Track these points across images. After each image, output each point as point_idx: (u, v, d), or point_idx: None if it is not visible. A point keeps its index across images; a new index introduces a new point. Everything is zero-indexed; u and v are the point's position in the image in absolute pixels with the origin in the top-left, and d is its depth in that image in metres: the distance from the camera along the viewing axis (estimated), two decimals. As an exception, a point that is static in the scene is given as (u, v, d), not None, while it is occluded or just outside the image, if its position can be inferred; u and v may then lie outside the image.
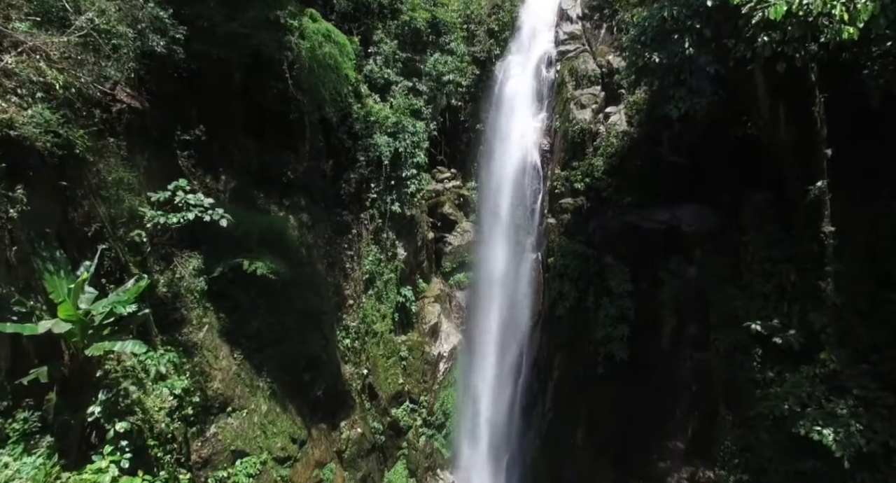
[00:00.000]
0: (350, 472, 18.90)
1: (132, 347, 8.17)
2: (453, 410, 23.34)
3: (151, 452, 9.36)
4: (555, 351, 19.54)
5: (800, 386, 10.37)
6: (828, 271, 10.05)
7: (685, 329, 14.67)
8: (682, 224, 15.44)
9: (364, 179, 20.41)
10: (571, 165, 20.23)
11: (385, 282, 21.05)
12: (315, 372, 18.05)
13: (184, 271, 12.75)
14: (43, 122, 7.86)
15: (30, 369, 8.45)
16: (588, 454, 17.48)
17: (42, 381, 7.74)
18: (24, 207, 7.86)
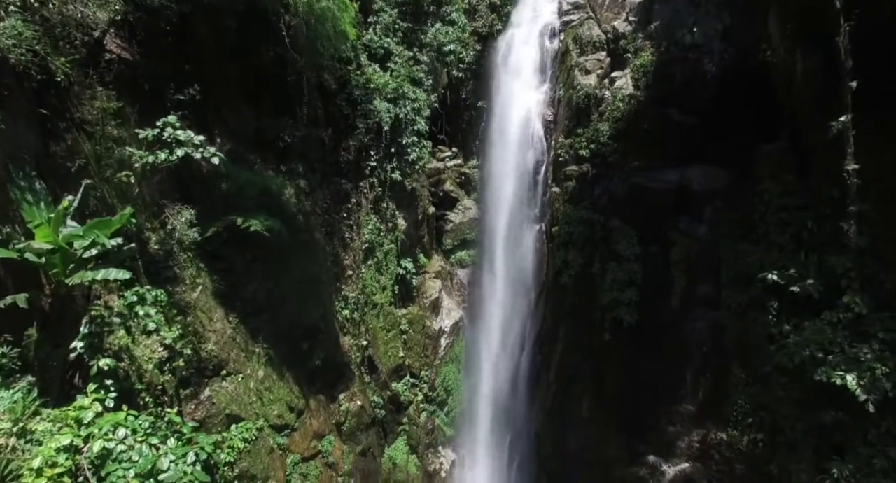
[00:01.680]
0: (349, 445, 18.44)
1: (116, 274, 7.67)
2: (455, 387, 22.87)
3: (139, 397, 8.87)
4: (559, 322, 19.03)
5: (821, 332, 9.85)
6: (851, 212, 9.52)
7: (696, 289, 14.16)
8: (693, 183, 14.94)
9: (363, 147, 19.89)
10: (576, 132, 19.68)
11: (385, 253, 20.54)
12: (313, 341, 17.57)
13: (175, 222, 12.23)
14: (16, 34, 7.34)
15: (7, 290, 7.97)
16: (594, 425, 17.00)
17: (20, 305, 7.25)
18: (-3, 123, 7.37)
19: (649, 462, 13.99)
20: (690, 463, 13.06)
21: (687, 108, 16.18)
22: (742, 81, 14.46)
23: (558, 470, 19.03)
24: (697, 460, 12.97)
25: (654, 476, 13.73)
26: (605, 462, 15.96)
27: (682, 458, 13.38)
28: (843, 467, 9.31)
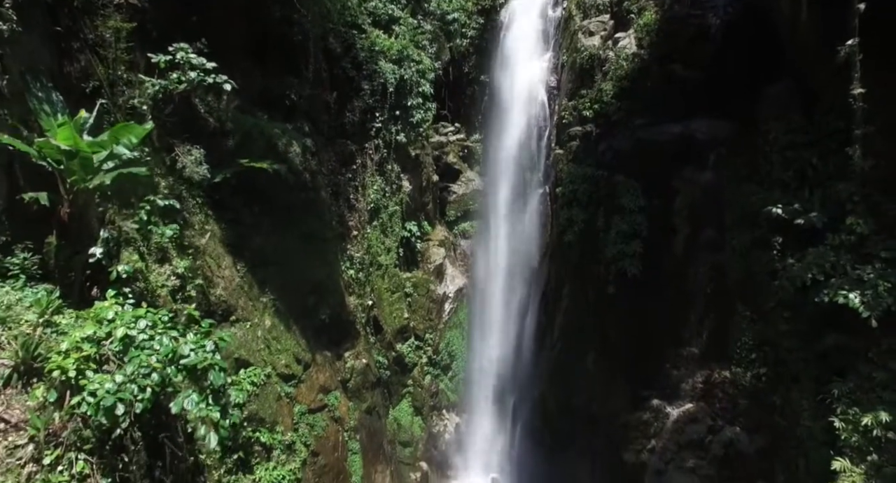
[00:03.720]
0: (355, 402, 18.61)
1: (136, 171, 7.83)
2: (459, 353, 23.04)
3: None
4: (563, 280, 19.19)
5: (824, 257, 9.99)
6: (856, 135, 9.64)
7: (700, 235, 14.30)
8: (696, 133, 15.06)
9: (368, 108, 20.02)
10: (580, 94, 19.77)
11: (390, 215, 20.69)
12: (319, 297, 17.73)
13: (185, 160, 12.35)
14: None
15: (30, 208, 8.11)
16: (599, 379, 17.15)
17: (42, 202, 7.38)
18: (14, 27, 7.47)
19: (653, 405, 14.16)
20: (694, 403, 13.23)
21: (690, 63, 16.28)
22: (746, 31, 14.58)
23: (563, 429, 19.19)
24: (701, 400, 13.15)
25: (659, 418, 13.91)
26: (610, 413, 16.14)
27: (686, 399, 13.56)
28: (843, 386, 9.48)
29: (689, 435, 12.99)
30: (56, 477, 5.89)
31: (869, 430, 8.65)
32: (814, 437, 10.23)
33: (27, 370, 6.51)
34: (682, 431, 12.95)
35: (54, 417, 6.20)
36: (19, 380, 6.47)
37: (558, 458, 19.22)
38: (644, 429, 14.25)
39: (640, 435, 14.33)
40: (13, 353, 6.52)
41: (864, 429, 8.74)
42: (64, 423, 6.25)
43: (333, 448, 16.54)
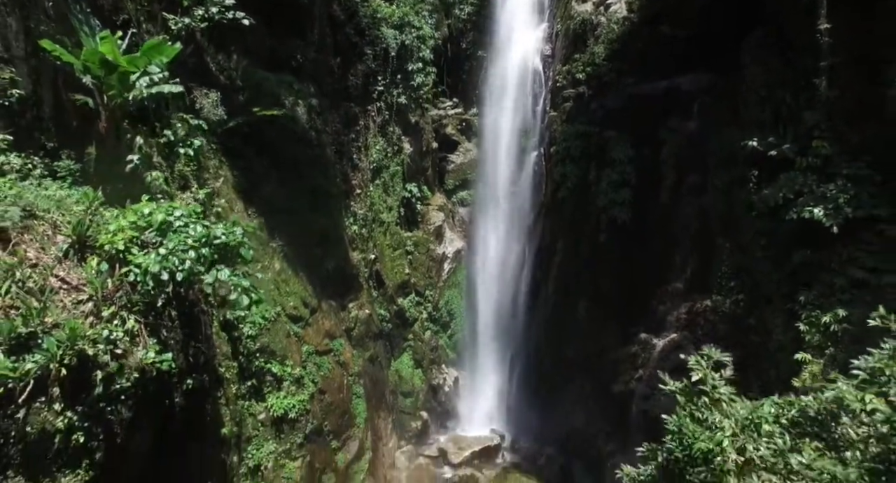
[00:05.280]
0: (358, 350, 19.51)
1: (170, 88, 8.68)
2: (457, 312, 23.95)
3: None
4: (557, 236, 20.12)
5: (793, 179, 10.96)
6: (823, 67, 10.58)
7: (685, 180, 15.24)
8: (682, 85, 15.96)
9: (371, 72, 20.83)
10: (573, 58, 20.67)
11: (392, 174, 21.55)
12: (325, 248, 18.61)
13: (204, 102, 13.18)
14: None
15: (71, 121, 8.95)
16: (591, 325, 18.12)
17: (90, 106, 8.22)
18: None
19: (641, 339, 15.13)
20: (678, 332, 14.19)
21: (678, 22, 17.18)
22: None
23: (557, 377, 20.19)
24: (685, 329, 14.11)
25: (646, 350, 14.87)
26: (601, 352, 17.12)
27: (671, 330, 14.52)
28: (808, 294, 10.44)
29: (673, 361, 13.93)
30: (112, 328, 6.77)
31: (828, 327, 9.61)
32: (784, 348, 11.19)
33: (81, 247, 7.37)
34: (668, 359, 13.91)
35: (107, 283, 7.07)
36: (75, 255, 7.32)
37: (554, 406, 20.22)
38: (633, 361, 15.23)
39: (629, 367, 15.31)
40: (68, 233, 7.38)
41: (823, 327, 9.70)
42: (116, 287, 7.13)
43: (339, 389, 17.44)
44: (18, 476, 5.92)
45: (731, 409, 5.59)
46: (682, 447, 5.53)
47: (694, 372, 5.89)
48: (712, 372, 5.88)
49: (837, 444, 5.01)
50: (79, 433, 6.33)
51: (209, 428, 9.66)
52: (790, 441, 5.13)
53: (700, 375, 5.84)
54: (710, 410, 5.60)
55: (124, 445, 6.96)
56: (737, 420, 5.42)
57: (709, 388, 5.75)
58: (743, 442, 5.15)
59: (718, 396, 5.67)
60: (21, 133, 8.18)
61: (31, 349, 6.03)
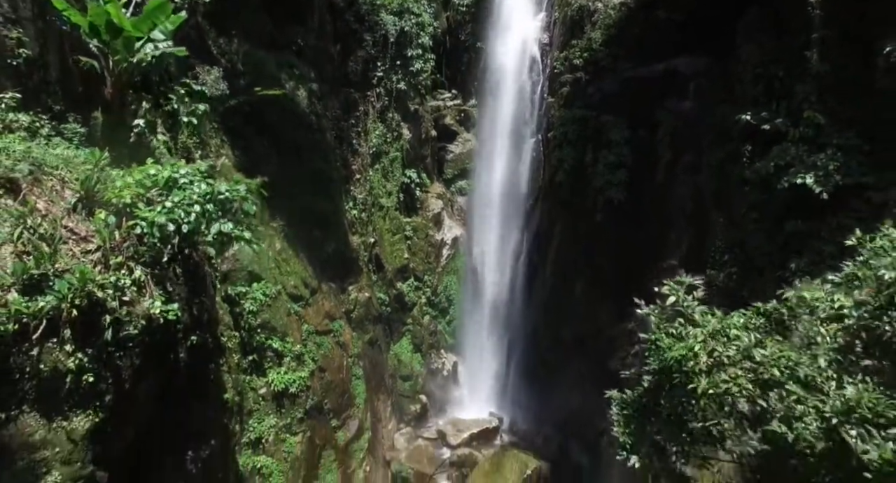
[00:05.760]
0: (358, 332, 19.70)
1: (175, 51, 8.88)
2: (456, 298, 24.15)
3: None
4: (555, 220, 20.34)
5: (785, 150, 11.20)
6: (814, 39, 10.82)
7: (680, 160, 15.47)
8: (679, 67, 16.19)
9: (370, 58, 21.05)
10: (570, 45, 20.89)
11: (391, 160, 21.76)
12: (325, 231, 18.82)
13: (207, 78, 13.39)
14: None
15: (77, 86, 9.15)
16: (589, 306, 18.34)
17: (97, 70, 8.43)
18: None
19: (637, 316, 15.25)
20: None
21: (673, 6, 17.41)
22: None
23: (555, 360, 20.40)
24: (679, 304, 14.30)
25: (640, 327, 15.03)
26: (597, 331, 17.33)
27: (666, 306, 14.71)
28: (799, 261, 10.66)
29: (667, 335, 14.17)
30: (120, 276, 6.96)
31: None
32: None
33: (89, 201, 7.56)
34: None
35: (115, 235, 7.26)
36: (83, 209, 7.51)
37: (551, 389, 20.42)
38: (629, 337, 15.41)
39: (625, 342, 15.51)
40: (76, 189, 7.58)
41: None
42: (123, 239, 7.32)
43: (339, 369, 17.63)
44: (34, 411, 6.13)
45: (703, 321, 5.89)
46: (659, 360, 5.81)
47: (669, 295, 6.19)
48: (685, 295, 6.18)
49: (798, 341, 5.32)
50: (89, 374, 6.53)
51: (212, 390, 9.85)
52: (755, 339, 5.43)
53: (675, 298, 6.14)
54: (684, 327, 5.90)
55: (132, 392, 7.16)
56: (707, 330, 5.72)
57: (683, 308, 6.04)
58: (713, 346, 5.45)
59: (691, 314, 5.98)
60: (28, 94, 8.38)
61: (43, 290, 6.22)
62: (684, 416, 5.84)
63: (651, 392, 6.34)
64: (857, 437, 4.38)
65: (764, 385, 5.11)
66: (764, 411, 5.11)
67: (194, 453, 8.87)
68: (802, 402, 4.80)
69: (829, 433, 4.53)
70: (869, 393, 4.50)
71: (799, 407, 4.81)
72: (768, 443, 5.11)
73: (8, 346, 5.90)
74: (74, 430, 6.47)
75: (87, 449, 6.59)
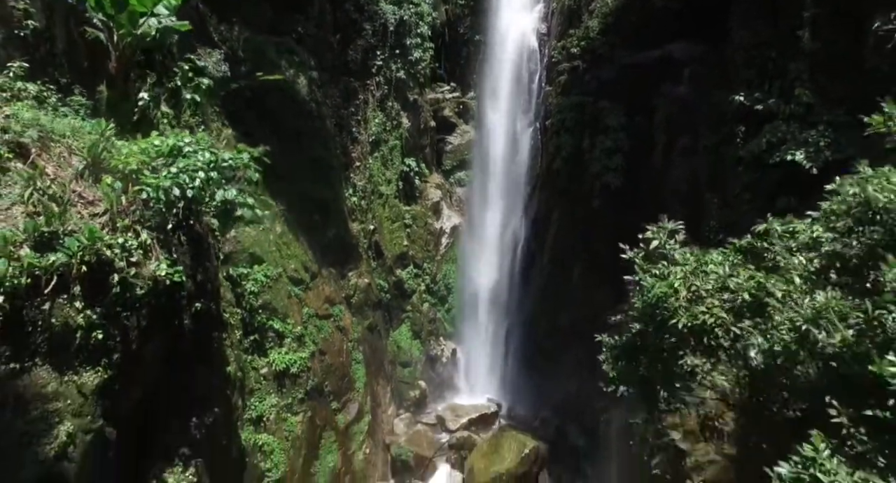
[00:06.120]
0: (358, 318, 19.90)
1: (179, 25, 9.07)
2: (454, 286, 24.36)
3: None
4: (552, 207, 20.56)
5: (777, 127, 11.42)
6: (806, 18, 11.02)
7: (676, 144, 15.70)
8: (674, 53, 16.41)
9: (370, 47, 21.25)
10: (568, 34, 21.13)
11: (390, 148, 21.97)
12: (325, 217, 19.02)
13: (208, 60, 13.58)
14: None
15: (82, 60, 9.34)
16: (586, 292, 18.56)
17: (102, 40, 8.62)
18: None
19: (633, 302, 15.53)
20: (668, 288, 14.61)
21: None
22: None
23: (553, 347, 20.62)
24: (674, 284, 14.54)
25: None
26: (595, 315, 17.44)
27: (662, 286, 14.94)
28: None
29: (663, 315, 14.39)
30: (127, 238, 7.15)
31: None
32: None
33: (95, 168, 7.74)
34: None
35: (121, 200, 7.45)
36: (90, 176, 7.70)
37: (549, 375, 20.64)
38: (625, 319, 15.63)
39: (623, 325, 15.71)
40: (83, 156, 7.76)
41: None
42: (129, 203, 7.52)
43: (339, 352, 17.83)
44: (46, 364, 6.32)
45: (683, 260, 6.13)
46: (643, 299, 6.07)
47: (653, 240, 6.46)
48: (668, 238, 6.44)
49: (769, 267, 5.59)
50: (98, 331, 6.72)
51: (216, 358, 10.04)
52: (730, 270, 5.69)
53: (658, 242, 6.39)
54: (667, 268, 6.14)
55: (139, 352, 7.35)
56: (687, 268, 5.97)
57: (665, 251, 6.30)
58: (692, 281, 5.70)
59: (673, 255, 6.23)
60: (35, 66, 8.57)
61: (53, 247, 6.41)
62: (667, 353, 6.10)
63: (637, 335, 6.63)
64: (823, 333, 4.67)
65: (738, 313, 5.40)
66: (737, 338, 5.37)
67: (198, 419, 9.06)
68: (778, 314, 5.10)
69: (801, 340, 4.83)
70: (836, 300, 4.80)
71: (777, 317, 5.08)
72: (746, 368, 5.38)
73: (21, 300, 6.08)
74: (84, 384, 6.66)
75: (97, 404, 6.78)
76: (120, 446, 7.41)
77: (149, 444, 8.29)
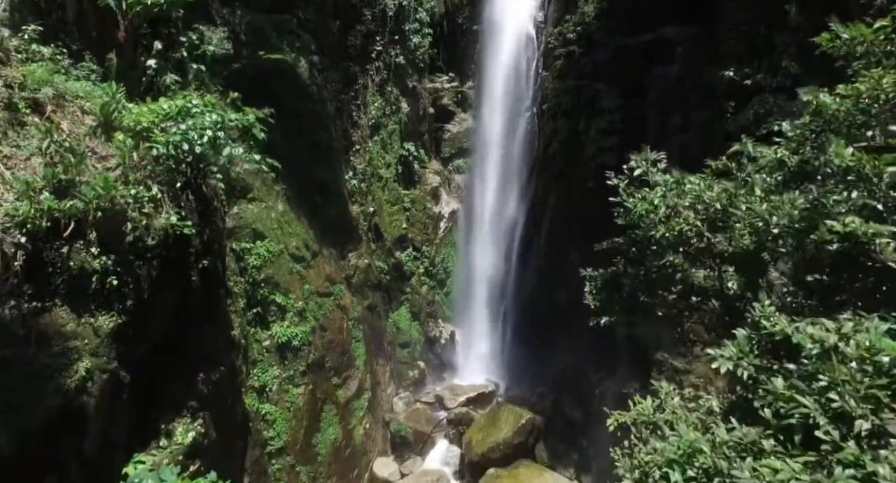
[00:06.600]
0: (358, 298, 20.24)
1: (184, -9, 9.44)
2: (453, 270, 24.72)
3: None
4: (549, 190, 20.91)
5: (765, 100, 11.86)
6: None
7: (669, 122, 16.04)
8: (667, 34, 16.74)
9: (370, 33, 21.57)
10: (564, 20, 21.45)
11: (390, 133, 22.30)
12: (326, 198, 19.34)
13: (212, 36, 13.90)
14: None
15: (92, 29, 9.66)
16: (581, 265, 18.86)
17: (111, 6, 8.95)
18: None
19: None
20: (661, 262, 15.00)
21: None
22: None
23: (549, 326, 20.94)
24: (667, 258, 14.92)
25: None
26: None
27: (655, 261, 15.33)
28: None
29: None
30: (139, 191, 7.49)
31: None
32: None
33: (107, 127, 8.08)
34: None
35: (133, 155, 7.79)
36: (103, 133, 8.04)
37: (546, 354, 20.99)
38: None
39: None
40: (96, 115, 8.10)
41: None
42: (141, 159, 7.86)
43: (339, 329, 18.18)
44: (65, 305, 6.67)
45: (664, 181, 6.55)
46: (626, 219, 6.53)
47: (636, 168, 6.89)
48: (651, 167, 6.85)
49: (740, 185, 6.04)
50: (112, 278, 7.07)
51: (222, 320, 10.39)
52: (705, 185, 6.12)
53: (641, 170, 6.81)
54: (648, 192, 6.56)
55: (150, 301, 7.70)
56: (667, 186, 6.40)
57: (648, 177, 6.74)
58: (671, 198, 6.12)
59: (654, 181, 6.67)
60: (48, 32, 8.91)
61: (71, 194, 6.76)
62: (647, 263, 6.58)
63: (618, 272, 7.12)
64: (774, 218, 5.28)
65: (711, 224, 5.84)
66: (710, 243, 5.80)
67: (205, 375, 9.41)
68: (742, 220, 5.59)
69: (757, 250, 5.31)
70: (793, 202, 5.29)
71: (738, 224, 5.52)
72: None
73: (42, 242, 6.43)
74: (100, 327, 7.01)
75: (111, 347, 7.13)
76: (132, 393, 7.77)
77: (158, 394, 8.65)
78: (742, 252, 5.79)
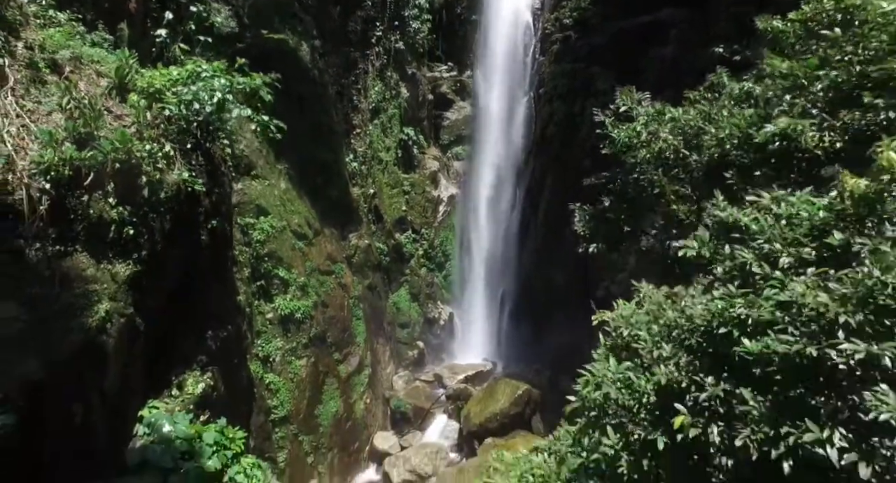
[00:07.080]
0: (358, 277, 20.64)
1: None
2: (452, 254, 25.13)
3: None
4: (546, 171, 21.33)
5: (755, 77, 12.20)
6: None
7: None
8: (662, 17, 17.15)
9: (370, 18, 21.93)
10: (561, 6, 21.84)
11: (390, 117, 22.68)
12: (327, 179, 19.73)
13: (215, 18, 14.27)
14: None
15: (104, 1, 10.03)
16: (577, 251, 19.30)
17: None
18: None
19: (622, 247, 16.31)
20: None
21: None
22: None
23: (545, 308, 21.42)
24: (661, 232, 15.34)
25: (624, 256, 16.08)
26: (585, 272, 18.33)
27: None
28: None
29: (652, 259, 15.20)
30: (153, 147, 7.88)
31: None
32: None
33: (122, 89, 8.46)
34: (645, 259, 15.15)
35: (146, 115, 8.17)
36: (117, 95, 8.42)
37: (543, 334, 21.45)
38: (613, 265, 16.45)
39: (613, 270, 16.54)
40: (111, 78, 8.48)
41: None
42: (154, 118, 8.25)
43: (340, 306, 18.60)
44: (85, 251, 7.06)
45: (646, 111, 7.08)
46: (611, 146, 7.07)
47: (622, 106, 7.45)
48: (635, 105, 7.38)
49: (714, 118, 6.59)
50: (129, 227, 7.47)
51: (229, 281, 10.80)
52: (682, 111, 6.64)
53: (626, 107, 7.36)
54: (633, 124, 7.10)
55: (164, 253, 8.10)
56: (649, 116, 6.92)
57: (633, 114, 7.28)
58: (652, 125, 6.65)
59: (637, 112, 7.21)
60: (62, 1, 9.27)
61: (90, 146, 7.14)
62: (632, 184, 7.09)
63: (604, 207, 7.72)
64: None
65: (687, 143, 6.38)
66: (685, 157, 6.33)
67: (213, 332, 9.81)
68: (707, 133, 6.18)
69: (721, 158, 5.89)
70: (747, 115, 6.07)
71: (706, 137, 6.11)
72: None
73: (64, 189, 6.82)
74: (118, 273, 7.41)
75: (128, 293, 7.53)
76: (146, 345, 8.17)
77: (170, 348, 9.05)
78: (708, 162, 6.34)
